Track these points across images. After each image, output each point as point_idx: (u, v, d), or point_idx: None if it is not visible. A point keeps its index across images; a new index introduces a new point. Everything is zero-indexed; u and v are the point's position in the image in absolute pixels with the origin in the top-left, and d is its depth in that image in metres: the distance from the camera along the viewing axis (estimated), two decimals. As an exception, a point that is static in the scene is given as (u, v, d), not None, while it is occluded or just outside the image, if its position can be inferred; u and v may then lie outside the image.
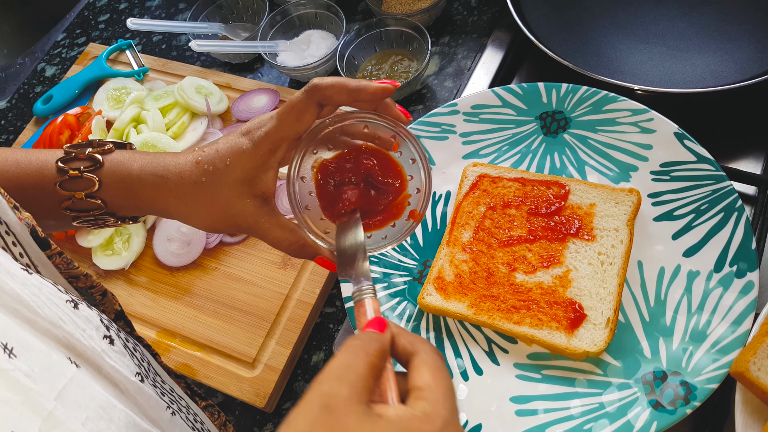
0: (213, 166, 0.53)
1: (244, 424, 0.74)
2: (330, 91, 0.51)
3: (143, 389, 0.41)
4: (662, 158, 0.69)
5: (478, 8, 1.01)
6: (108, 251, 0.85)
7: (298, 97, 0.52)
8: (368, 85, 0.52)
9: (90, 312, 0.41)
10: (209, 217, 0.54)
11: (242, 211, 0.53)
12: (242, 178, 0.53)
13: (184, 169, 0.54)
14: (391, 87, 0.52)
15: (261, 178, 0.54)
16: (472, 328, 0.66)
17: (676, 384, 0.57)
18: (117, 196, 0.55)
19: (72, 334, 0.37)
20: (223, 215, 0.54)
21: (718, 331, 0.59)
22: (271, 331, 0.76)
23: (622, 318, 0.63)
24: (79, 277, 0.48)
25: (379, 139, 0.56)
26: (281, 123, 0.53)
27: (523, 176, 0.71)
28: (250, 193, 0.53)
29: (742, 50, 0.80)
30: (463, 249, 0.68)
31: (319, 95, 0.52)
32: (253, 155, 0.53)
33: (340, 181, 0.56)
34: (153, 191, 0.54)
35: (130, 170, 0.54)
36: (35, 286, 0.37)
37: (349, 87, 0.51)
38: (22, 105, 1.12)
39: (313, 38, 0.99)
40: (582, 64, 0.78)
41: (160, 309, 0.81)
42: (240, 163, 0.53)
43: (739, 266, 0.61)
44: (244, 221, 0.54)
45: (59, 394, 0.33)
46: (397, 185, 0.56)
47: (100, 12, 1.22)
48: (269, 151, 0.53)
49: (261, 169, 0.53)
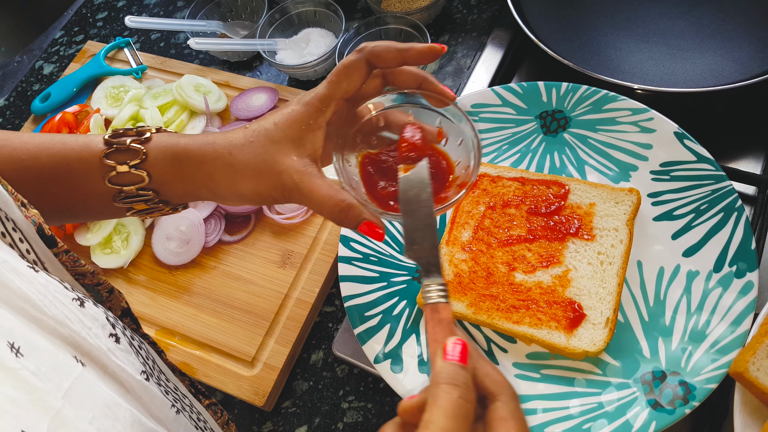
0: (261, 127, 0.54)
1: (243, 422, 0.74)
2: (379, 49, 0.54)
3: (148, 388, 0.41)
4: (662, 158, 0.69)
5: (477, 6, 1.00)
6: (107, 250, 0.85)
7: (348, 57, 0.54)
8: (416, 45, 0.54)
9: (96, 310, 0.41)
10: (255, 177, 0.53)
11: (289, 167, 0.53)
12: (290, 137, 0.53)
13: (232, 135, 0.55)
14: (438, 47, 0.55)
15: (308, 138, 0.54)
16: (472, 328, 0.66)
17: (675, 384, 0.57)
18: (162, 168, 0.54)
19: (78, 333, 0.37)
20: (269, 173, 0.53)
21: (718, 331, 0.59)
22: (270, 329, 0.76)
23: (622, 318, 0.63)
24: (85, 274, 0.48)
25: (425, 131, 0.57)
26: (330, 82, 0.54)
27: (522, 175, 0.71)
28: (297, 153, 0.53)
29: (742, 49, 0.80)
30: (463, 248, 0.68)
31: (368, 53, 0.54)
32: (302, 114, 0.53)
33: (385, 170, 0.56)
34: (200, 158, 0.54)
35: (177, 141, 0.55)
36: (41, 284, 0.37)
37: (398, 47, 0.54)
38: (20, 103, 1.12)
39: (312, 36, 0.99)
40: (582, 63, 0.78)
41: (159, 308, 0.81)
42: (288, 122, 0.53)
43: (739, 266, 0.61)
44: (289, 178, 0.52)
45: (66, 393, 0.33)
46: (444, 169, 0.56)
47: (98, 10, 1.21)
48: (318, 109, 0.54)
49: (309, 129, 0.53)
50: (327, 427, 0.72)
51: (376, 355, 0.64)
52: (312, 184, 0.52)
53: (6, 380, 0.30)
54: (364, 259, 0.71)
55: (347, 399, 0.73)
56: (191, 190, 0.56)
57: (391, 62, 0.55)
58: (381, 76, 0.58)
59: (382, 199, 0.55)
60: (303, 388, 0.75)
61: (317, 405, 0.73)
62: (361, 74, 0.55)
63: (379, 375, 0.64)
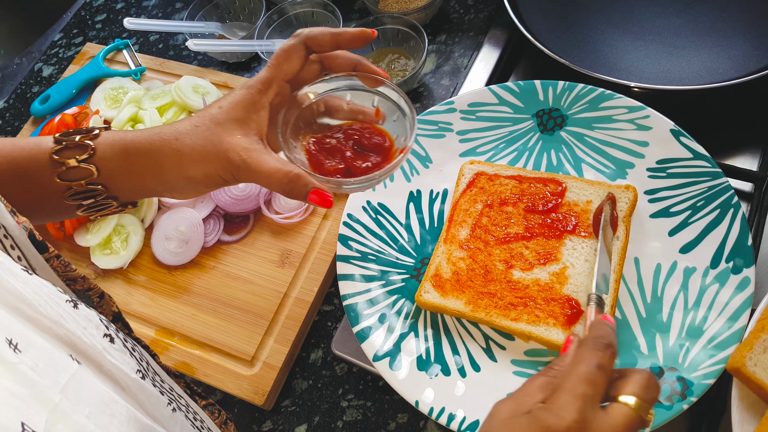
0: (207, 113, 0.56)
1: (243, 421, 0.74)
2: (315, 33, 0.58)
3: (144, 386, 0.41)
4: (658, 155, 0.70)
5: (474, 6, 1.01)
6: (106, 250, 0.85)
7: (287, 42, 0.58)
8: (348, 29, 0.59)
9: (89, 312, 0.41)
10: (203, 160, 0.54)
11: (235, 145, 0.54)
12: (234, 118, 0.55)
13: (179, 124, 0.56)
14: (369, 32, 0.59)
15: (253, 119, 0.56)
16: (470, 325, 0.66)
17: (673, 380, 0.58)
18: (110, 161, 0.55)
19: (73, 332, 0.38)
20: (216, 153, 0.54)
21: (715, 327, 0.59)
22: (269, 329, 0.77)
23: (619, 314, 0.63)
24: (76, 279, 0.48)
25: (363, 114, 0.61)
26: (271, 65, 0.58)
27: (519, 174, 0.71)
28: (243, 132, 0.55)
29: (737, 47, 0.80)
30: (461, 246, 0.68)
31: (305, 37, 0.58)
32: (245, 96, 0.56)
33: (330, 150, 0.59)
34: (147, 147, 0.55)
35: (125, 135, 0.56)
36: (36, 285, 0.38)
37: (331, 31, 0.58)
38: (20, 105, 1.12)
39: (310, 37, 0.99)
40: (578, 61, 0.79)
41: (159, 308, 0.81)
42: (232, 105, 0.56)
43: (736, 262, 0.62)
44: (236, 155, 0.54)
45: (63, 388, 0.33)
46: (386, 145, 0.60)
47: (97, 12, 1.22)
48: (260, 91, 0.57)
49: (253, 109, 0.56)
50: (326, 426, 0.72)
51: (375, 353, 0.64)
52: (259, 158, 0.54)
53: (6, 374, 0.30)
54: (363, 257, 0.71)
55: (347, 397, 0.73)
56: (140, 182, 0.57)
57: (326, 45, 0.59)
58: (318, 61, 0.61)
59: (329, 175, 0.58)
60: (302, 386, 0.75)
61: (317, 404, 0.74)
62: (300, 57, 0.58)
63: (378, 373, 0.65)
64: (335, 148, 0.59)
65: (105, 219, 0.86)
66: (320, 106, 0.62)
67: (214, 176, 0.55)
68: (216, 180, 0.56)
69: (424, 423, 0.70)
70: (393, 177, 0.75)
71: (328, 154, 0.59)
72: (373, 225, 0.73)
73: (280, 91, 0.58)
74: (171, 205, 0.87)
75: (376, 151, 0.59)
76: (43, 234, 0.89)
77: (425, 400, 0.61)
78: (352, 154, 0.58)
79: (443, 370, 0.63)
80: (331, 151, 0.59)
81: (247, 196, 0.85)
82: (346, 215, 0.73)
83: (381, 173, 0.56)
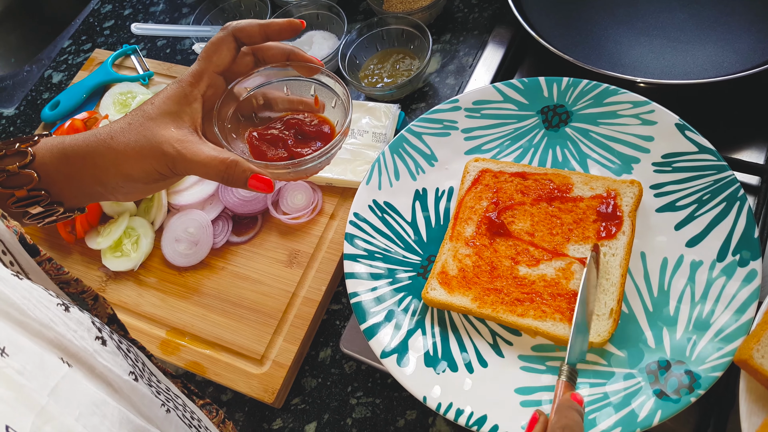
0: (140, 110, 0.57)
1: (254, 419, 0.75)
2: (242, 24, 0.59)
3: (137, 388, 0.41)
4: (664, 149, 0.70)
5: (478, 5, 1.01)
6: (117, 253, 0.87)
7: (216, 35, 0.59)
8: (276, 20, 0.59)
9: (81, 315, 0.41)
10: (138, 156, 0.54)
11: (169, 138, 0.55)
12: (167, 112, 0.56)
13: (113, 123, 0.57)
14: (297, 22, 0.59)
15: (186, 111, 0.57)
16: (477, 322, 0.66)
17: (681, 373, 0.58)
18: (50, 166, 0.56)
19: (63, 335, 0.38)
20: (151, 148, 0.54)
21: (722, 319, 0.59)
22: (278, 328, 0.77)
23: (626, 309, 0.63)
24: (69, 282, 0.48)
25: (302, 103, 0.62)
26: (201, 59, 0.59)
27: (524, 170, 0.72)
28: (176, 125, 0.56)
29: (742, 40, 0.80)
30: (467, 243, 0.69)
31: (233, 29, 0.59)
32: (176, 90, 0.57)
33: (271, 140, 0.60)
34: (84, 149, 0.55)
35: (63, 140, 0.57)
36: (25, 289, 0.38)
37: (259, 22, 0.59)
38: (30, 111, 1.14)
39: (315, 39, 1.00)
40: (583, 58, 0.79)
41: (170, 308, 0.82)
42: (163, 99, 0.57)
43: (742, 255, 0.62)
44: (170, 147, 0.54)
45: (52, 391, 0.33)
46: (327, 132, 0.61)
47: (104, 18, 1.23)
48: (191, 83, 0.57)
49: (185, 102, 0.57)
50: (336, 423, 0.72)
51: (383, 350, 0.64)
52: (194, 148, 0.54)
53: None
54: (369, 256, 0.71)
55: (355, 395, 0.74)
56: (81, 185, 0.57)
57: (255, 37, 0.59)
58: (251, 53, 0.62)
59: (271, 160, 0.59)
60: (312, 385, 0.76)
61: (326, 401, 0.74)
62: (230, 49, 0.59)
63: (386, 370, 0.65)
64: (277, 138, 0.60)
65: (115, 222, 0.88)
66: (259, 99, 0.63)
67: (152, 172, 0.55)
68: (154, 176, 0.56)
69: (433, 419, 0.70)
70: (399, 175, 0.76)
71: (270, 144, 0.60)
72: (380, 223, 0.74)
73: (212, 83, 0.59)
74: (180, 207, 0.88)
75: (318, 138, 0.60)
76: (53, 237, 0.91)
77: (433, 396, 0.61)
78: (294, 143, 0.59)
79: (450, 366, 0.63)
80: (273, 141, 0.60)
81: (254, 197, 0.86)
82: (352, 214, 0.74)
83: (318, 154, 0.57)
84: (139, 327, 0.81)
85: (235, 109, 0.62)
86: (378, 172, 0.76)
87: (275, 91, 0.63)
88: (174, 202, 0.88)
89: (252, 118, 0.63)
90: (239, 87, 0.62)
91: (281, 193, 0.86)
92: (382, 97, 0.92)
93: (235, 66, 0.61)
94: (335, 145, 0.58)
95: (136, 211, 0.90)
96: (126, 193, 0.58)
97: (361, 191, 0.75)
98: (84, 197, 0.58)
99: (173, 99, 0.56)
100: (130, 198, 0.60)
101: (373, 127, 0.87)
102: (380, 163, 0.76)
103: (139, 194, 0.60)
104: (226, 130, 0.60)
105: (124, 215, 0.88)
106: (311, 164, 0.58)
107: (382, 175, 0.76)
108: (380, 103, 0.89)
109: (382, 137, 0.86)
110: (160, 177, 0.56)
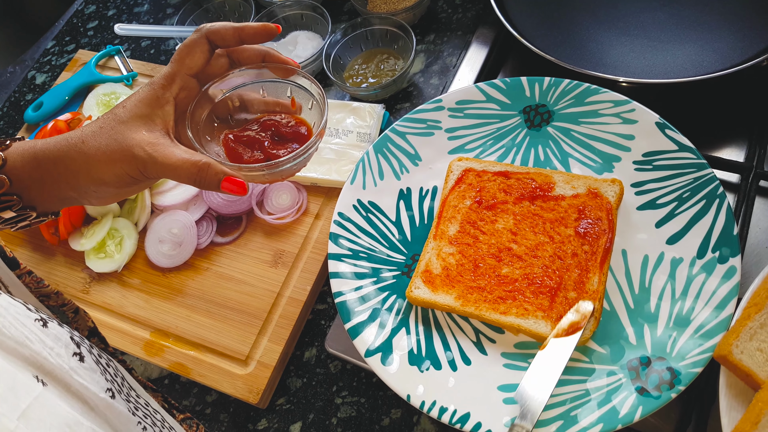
0: (111, 113, 0.56)
1: (239, 420, 0.75)
2: (216, 27, 0.58)
3: (113, 406, 0.41)
4: (644, 148, 0.70)
5: (462, 6, 1.02)
6: (101, 254, 0.86)
7: (189, 37, 0.58)
8: (251, 23, 0.59)
9: (60, 330, 0.41)
10: (110, 160, 0.54)
11: (141, 141, 0.54)
12: (138, 115, 0.55)
13: (85, 127, 0.56)
14: (272, 26, 0.58)
15: (158, 114, 0.56)
16: (460, 320, 0.66)
17: (661, 369, 0.58)
18: (22, 170, 0.55)
19: (39, 353, 0.37)
20: (122, 151, 0.54)
21: (702, 316, 0.60)
22: (263, 328, 0.77)
23: (607, 306, 0.64)
24: (50, 295, 0.48)
25: (279, 105, 0.62)
26: (173, 61, 0.58)
27: (507, 169, 0.72)
28: (148, 128, 0.55)
29: (721, 40, 0.81)
30: (450, 242, 0.69)
31: (206, 32, 0.58)
32: (148, 93, 0.56)
33: (247, 142, 0.60)
34: (56, 153, 0.55)
35: (34, 144, 0.56)
36: (2, 306, 0.37)
37: (234, 25, 0.58)
38: (13, 113, 1.13)
39: (299, 39, 1.00)
40: (565, 58, 0.79)
41: (154, 310, 0.82)
42: (135, 102, 0.56)
43: (722, 252, 0.62)
44: (141, 150, 0.54)
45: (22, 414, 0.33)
46: (304, 133, 0.60)
47: (88, 19, 1.23)
48: (163, 86, 0.57)
49: (157, 105, 0.56)
50: (321, 423, 0.72)
51: (367, 349, 0.65)
52: (166, 151, 0.54)
53: None
54: (354, 255, 0.71)
55: (341, 394, 0.74)
56: (53, 190, 0.56)
57: (229, 40, 0.59)
58: (226, 55, 0.61)
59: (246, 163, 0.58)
60: (297, 385, 0.76)
61: (311, 401, 0.74)
62: (203, 51, 0.58)
63: (371, 369, 0.65)
64: (253, 140, 0.59)
65: (99, 223, 0.87)
66: (235, 101, 0.62)
67: (124, 176, 0.55)
68: (126, 179, 0.55)
69: (418, 418, 0.70)
70: (383, 175, 0.76)
71: (246, 146, 0.59)
72: (364, 223, 0.74)
73: (185, 86, 0.58)
74: (164, 207, 0.87)
75: (296, 139, 0.60)
76: (37, 239, 0.90)
77: (417, 394, 0.61)
78: (270, 144, 0.59)
79: (434, 364, 0.63)
80: (249, 143, 0.60)
81: (239, 198, 0.85)
82: (337, 214, 0.74)
83: (292, 156, 0.57)
84: (123, 328, 0.81)
85: (210, 112, 0.61)
86: (362, 171, 0.76)
87: (251, 93, 0.63)
88: (158, 202, 0.87)
89: (228, 120, 0.63)
90: (214, 89, 0.61)
91: (266, 194, 0.86)
92: (367, 97, 0.92)
93: (209, 68, 0.60)
94: (310, 146, 0.58)
95: (120, 212, 0.89)
96: (99, 197, 0.57)
97: (345, 191, 0.75)
98: (57, 201, 0.57)
99: (145, 102, 0.56)
100: (103, 202, 0.59)
101: (357, 127, 0.87)
102: (364, 163, 0.76)
103: (112, 198, 0.59)
104: (199, 132, 0.59)
105: (107, 216, 0.87)
106: (286, 166, 0.57)
107: (367, 174, 0.76)
108: (365, 103, 0.89)
109: (366, 137, 0.86)
110: (132, 181, 0.55)
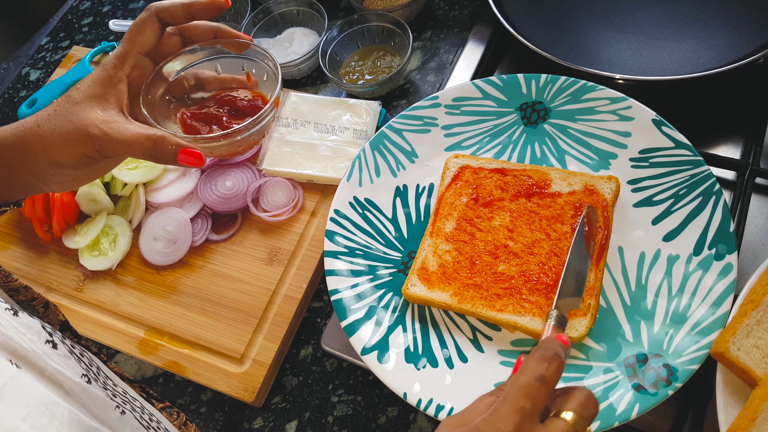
0: (65, 96, 0.56)
1: (234, 419, 0.75)
2: (165, 4, 0.58)
3: (89, 390, 0.41)
4: (641, 145, 0.70)
5: (459, 3, 1.01)
6: (95, 252, 0.85)
7: (139, 16, 0.59)
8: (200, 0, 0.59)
9: (31, 320, 0.41)
10: (65, 141, 0.54)
11: (95, 119, 0.54)
12: (91, 95, 0.56)
13: (40, 112, 0.56)
14: (221, 0, 0.59)
15: (111, 93, 0.56)
16: (457, 317, 0.66)
17: (658, 366, 0.58)
18: None
19: (11, 338, 0.37)
20: (76, 132, 0.54)
21: (699, 313, 0.60)
22: (258, 326, 0.77)
23: (604, 303, 0.64)
24: (18, 290, 0.48)
25: (235, 80, 0.63)
26: (124, 40, 0.58)
27: (504, 166, 0.72)
28: (102, 107, 0.56)
29: (718, 37, 0.81)
30: (447, 239, 0.69)
31: (156, 9, 0.58)
32: (100, 73, 0.57)
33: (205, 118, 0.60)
34: (12, 140, 0.55)
35: None
36: None
37: (182, 1, 0.59)
38: (7, 109, 1.12)
39: (295, 36, 0.99)
40: (562, 55, 0.79)
41: (148, 308, 0.81)
42: (88, 84, 0.56)
43: (718, 249, 0.62)
44: (96, 128, 0.54)
45: None
46: (261, 105, 0.61)
47: (83, 15, 1.22)
48: (115, 66, 0.57)
49: (110, 84, 0.56)
50: (317, 421, 0.72)
51: (363, 347, 0.64)
52: (120, 128, 0.54)
53: None
54: (350, 253, 0.71)
55: (337, 393, 0.73)
56: (12, 177, 0.56)
57: (179, 16, 0.59)
58: (177, 33, 0.61)
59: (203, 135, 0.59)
60: (293, 383, 0.75)
61: (307, 399, 0.74)
62: (154, 30, 0.58)
63: (367, 367, 0.65)
64: (211, 116, 0.60)
65: (93, 221, 0.87)
66: (190, 79, 0.63)
67: (81, 156, 0.55)
68: (83, 160, 0.55)
69: (414, 416, 0.70)
70: (379, 172, 0.76)
71: (204, 122, 0.60)
72: (360, 220, 0.73)
73: (138, 65, 0.58)
74: (159, 205, 0.87)
75: (253, 113, 0.60)
76: (30, 237, 0.90)
77: (413, 392, 0.61)
78: (228, 119, 0.60)
79: (431, 361, 0.63)
80: (206, 119, 0.60)
81: (234, 195, 0.85)
82: (333, 211, 0.73)
83: (247, 124, 0.57)
84: (117, 327, 0.80)
85: (165, 91, 0.61)
86: (359, 168, 0.76)
87: (206, 70, 0.63)
88: (152, 200, 0.87)
89: (184, 99, 0.63)
90: (168, 68, 0.61)
91: (261, 191, 0.85)
92: (363, 94, 0.92)
93: (162, 47, 0.61)
94: (265, 115, 0.58)
95: (114, 209, 0.89)
96: (59, 182, 0.57)
97: (341, 188, 0.75)
98: (17, 190, 0.57)
99: (98, 82, 0.56)
100: (64, 187, 0.59)
101: (353, 124, 0.87)
102: (361, 160, 0.76)
103: (72, 183, 0.59)
104: (155, 110, 0.60)
105: (101, 214, 0.87)
106: (244, 134, 0.58)
107: (363, 171, 0.76)
108: (361, 100, 0.88)
109: (362, 134, 0.86)
110: (89, 161, 0.55)
